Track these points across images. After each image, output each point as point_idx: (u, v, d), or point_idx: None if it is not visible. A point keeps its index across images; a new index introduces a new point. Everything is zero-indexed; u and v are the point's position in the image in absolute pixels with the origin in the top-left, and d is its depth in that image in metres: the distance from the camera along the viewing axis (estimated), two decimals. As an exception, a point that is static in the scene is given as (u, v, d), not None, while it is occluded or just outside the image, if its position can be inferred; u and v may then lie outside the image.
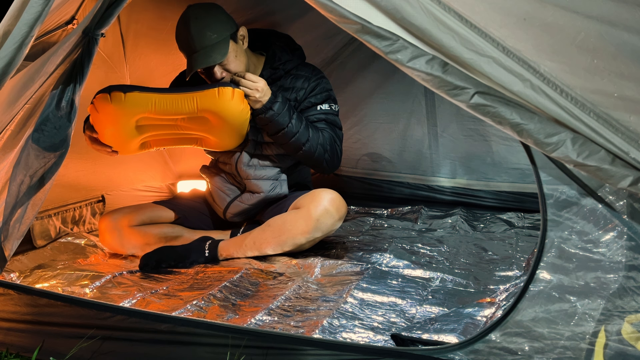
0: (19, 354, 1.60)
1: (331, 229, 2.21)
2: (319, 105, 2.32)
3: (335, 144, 2.30)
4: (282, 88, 2.32)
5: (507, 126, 1.25)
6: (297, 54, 2.38)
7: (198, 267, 2.18)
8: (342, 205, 2.21)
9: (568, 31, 1.26)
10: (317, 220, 2.16)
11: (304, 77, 2.33)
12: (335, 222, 2.19)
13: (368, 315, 1.70)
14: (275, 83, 2.32)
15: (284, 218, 2.24)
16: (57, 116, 1.64)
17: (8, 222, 1.67)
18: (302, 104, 2.32)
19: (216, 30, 2.14)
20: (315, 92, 2.32)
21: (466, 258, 2.24)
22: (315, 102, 2.32)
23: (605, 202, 1.27)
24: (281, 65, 2.32)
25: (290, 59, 2.34)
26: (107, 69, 2.72)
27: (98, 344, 1.53)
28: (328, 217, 2.17)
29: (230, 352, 1.43)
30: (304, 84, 2.32)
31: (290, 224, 2.20)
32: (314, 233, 2.18)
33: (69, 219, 2.54)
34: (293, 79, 2.33)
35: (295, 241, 2.19)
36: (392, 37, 1.29)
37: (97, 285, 1.95)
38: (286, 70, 2.33)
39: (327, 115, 2.32)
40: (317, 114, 2.31)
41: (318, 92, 2.33)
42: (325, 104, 2.33)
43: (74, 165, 2.49)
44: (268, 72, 2.31)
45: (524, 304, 1.30)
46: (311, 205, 2.18)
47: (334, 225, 2.20)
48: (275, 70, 2.32)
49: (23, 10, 1.45)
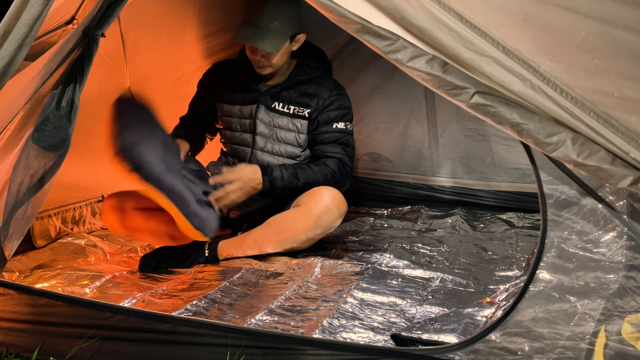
0: (19, 354, 1.60)
1: (331, 226, 2.21)
2: (335, 123, 2.36)
3: (345, 166, 2.34)
4: (304, 94, 2.36)
5: (507, 126, 1.25)
6: (325, 66, 2.44)
7: (198, 267, 2.17)
8: (342, 203, 2.21)
9: (568, 31, 1.26)
10: (318, 217, 2.16)
11: (326, 88, 2.37)
12: (335, 219, 2.20)
13: (368, 315, 1.70)
14: (299, 87, 2.37)
15: (285, 216, 2.24)
16: (57, 116, 1.64)
17: (8, 222, 1.67)
18: (319, 115, 2.34)
19: (285, 26, 2.23)
20: (333, 106, 2.36)
21: (466, 258, 2.24)
22: (332, 117, 2.35)
23: (606, 202, 1.27)
24: (308, 70, 2.36)
25: (317, 67, 2.39)
26: (107, 69, 2.72)
27: (98, 344, 1.53)
28: (329, 214, 2.17)
29: (230, 352, 1.43)
30: (324, 93, 2.35)
31: (291, 221, 2.20)
32: (314, 230, 2.18)
33: (69, 219, 2.54)
34: (316, 87, 2.37)
35: (296, 238, 2.19)
36: (392, 36, 1.29)
37: (97, 285, 1.95)
38: (312, 76, 2.37)
39: (341, 135, 2.36)
40: (332, 132, 2.35)
41: (336, 107, 2.36)
42: (341, 122, 2.37)
43: (74, 165, 2.49)
44: (296, 74, 2.36)
45: (524, 304, 1.30)
46: (312, 202, 2.18)
47: (334, 222, 2.20)
48: (302, 73, 2.36)
49: (23, 10, 1.45)
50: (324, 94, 2.36)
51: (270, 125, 2.37)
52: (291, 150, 2.38)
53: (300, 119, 2.37)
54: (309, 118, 2.36)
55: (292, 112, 2.37)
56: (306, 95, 2.36)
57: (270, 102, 2.38)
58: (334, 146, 2.35)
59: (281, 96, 2.37)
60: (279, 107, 2.37)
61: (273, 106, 2.38)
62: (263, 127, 2.38)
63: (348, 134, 2.38)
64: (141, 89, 2.93)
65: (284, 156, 2.38)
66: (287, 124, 2.38)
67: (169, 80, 2.97)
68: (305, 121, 2.36)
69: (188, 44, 2.88)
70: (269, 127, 2.38)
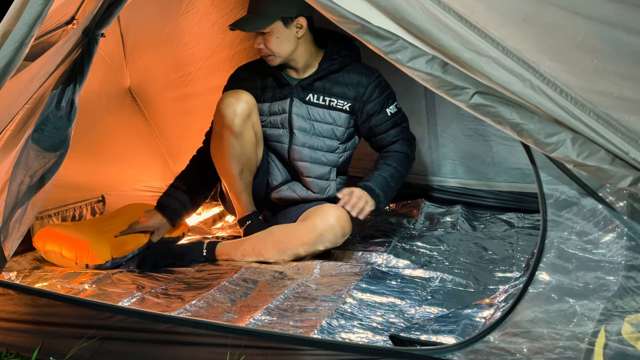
0: (19, 354, 1.60)
1: (333, 245, 2.20)
2: (386, 109, 2.35)
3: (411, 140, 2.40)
4: (339, 83, 2.32)
5: (507, 126, 1.25)
6: (354, 52, 2.38)
7: (197, 266, 2.18)
8: (347, 224, 2.19)
9: (568, 31, 1.26)
10: (320, 235, 2.15)
11: (363, 76, 2.33)
12: (337, 239, 2.18)
13: (367, 316, 1.70)
14: (332, 76, 2.32)
15: (288, 228, 2.24)
16: (57, 116, 1.64)
17: (8, 222, 1.67)
18: (364, 107, 2.32)
19: (272, 6, 2.19)
20: (377, 93, 2.33)
21: (466, 258, 2.24)
22: (381, 105, 2.34)
23: (606, 202, 1.27)
24: (339, 59, 2.31)
25: (348, 55, 2.33)
26: (107, 69, 2.72)
27: (98, 344, 1.53)
28: (331, 234, 2.16)
29: (230, 352, 1.43)
30: (361, 80, 2.32)
31: (293, 234, 2.20)
32: (314, 246, 2.17)
33: (69, 219, 2.54)
34: (351, 76, 2.33)
35: (295, 252, 2.18)
36: (392, 37, 1.29)
37: (95, 281, 1.96)
38: (343, 64, 2.32)
39: (395, 118, 2.37)
40: (388, 120, 2.35)
41: (380, 93, 2.34)
42: (391, 105, 2.36)
43: (74, 165, 2.49)
44: (326, 64, 2.31)
45: (524, 304, 1.30)
46: (317, 218, 2.18)
47: (336, 242, 2.19)
48: (333, 62, 2.31)
49: (23, 10, 1.45)
50: (362, 84, 2.31)
51: (307, 118, 2.32)
52: (330, 144, 2.35)
53: (338, 112, 2.33)
54: (350, 112, 2.33)
55: (328, 104, 2.33)
56: (342, 85, 2.32)
57: (304, 95, 2.32)
58: (394, 130, 2.37)
59: (314, 87, 2.32)
60: (313, 98, 2.32)
61: (308, 98, 2.32)
62: (301, 121, 2.32)
63: (400, 112, 2.39)
64: (141, 89, 2.94)
65: (324, 150, 2.35)
66: (323, 116, 2.33)
67: (169, 80, 2.98)
68: (345, 114, 2.33)
69: (188, 44, 2.88)
70: (306, 120, 2.32)
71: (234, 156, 2.28)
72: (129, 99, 2.94)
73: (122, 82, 2.86)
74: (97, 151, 2.67)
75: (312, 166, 2.35)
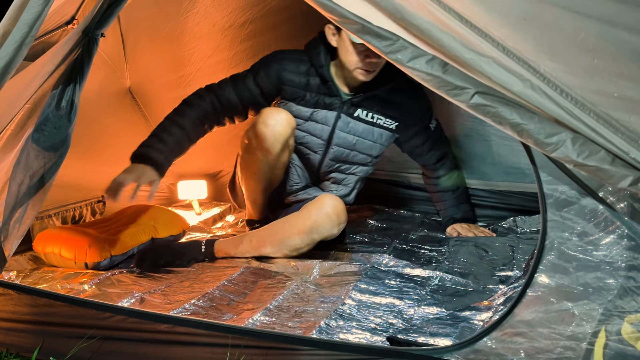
0: (19, 354, 1.60)
1: (329, 234, 2.19)
2: (429, 124, 2.41)
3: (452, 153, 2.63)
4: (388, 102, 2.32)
5: (507, 126, 1.25)
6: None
7: (196, 266, 2.18)
8: (342, 213, 2.19)
9: (568, 31, 1.26)
10: (315, 222, 2.15)
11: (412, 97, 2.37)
12: (333, 227, 2.18)
13: (366, 317, 1.69)
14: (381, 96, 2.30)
15: (285, 219, 2.23)
16: (57, 116, 1.64)
17: (8, 222, 1.67)
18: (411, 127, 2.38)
19: None
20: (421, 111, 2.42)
21: (466, 258, 2.23)
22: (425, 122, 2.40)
23: (606, 202, 1.27)
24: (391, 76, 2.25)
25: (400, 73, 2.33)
26: (107, 69, 2.72)
27: (98, 344, 1.53)
28: (327, 221, 2.16)
29: (230, 352, 1.43)
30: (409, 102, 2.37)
31: (289, 223, 2.20)
32: (310, 234, 2.16)
33: (69, 219, 2.54)
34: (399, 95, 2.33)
35: (292, 242, 2.17)
36: (392, 37, 1.29)
37: (95, 282, 1.96)
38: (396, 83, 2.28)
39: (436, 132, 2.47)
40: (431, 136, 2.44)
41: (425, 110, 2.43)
42: (432, 120, 2.44)
43: (74, 165, 2.50)
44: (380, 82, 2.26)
45: (524, 303, 1.30)
46: (312, 207, 2.18)
47: (331, 230, 2.18)
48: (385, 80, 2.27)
49: (23, 11, 1.45)
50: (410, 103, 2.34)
51: (349, 133, 2.30)
52: (364, 158, 2.36)
53: (382, 129, 2.33)
54: (395, 131, 2.33)
55: (375, 122, 2.31)
56: (391, 104, 2.31)
57: (352, 110, 2.29)
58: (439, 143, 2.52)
59: (363, 104, 2.29)
60: (362, 115, 2.30)
61: (356, 115, 2.29)
62: (342, 136, 2.31)
63: (439, 125, 2.48)
64: (141, 89, 2.94)
65: (358, 164, 2.36)
66: (366, 133, 2.32)
67: (169, 80, 2.98)
68: (389, 133, 2.34)
69: (188, 44, 2.88)
70: (348, 136, 2.30)
71: (262, 174, 2.28)
72: (129, 99, 2.94)
73: (122, 82, 2.86)
74: (97, 151, 2.67)
75: (340, 175, 2.35)
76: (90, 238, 2.18)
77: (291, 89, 2.29)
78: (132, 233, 2.30)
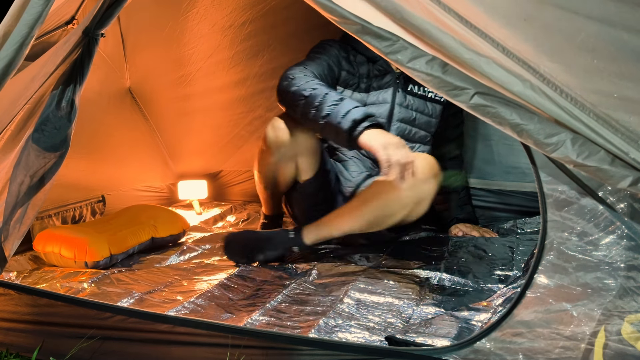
0: (19, 354, 1.60)
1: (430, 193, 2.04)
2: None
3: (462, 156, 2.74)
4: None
5: (507, 126, 1.25)
6: None
7: (196, 265, 2.18)
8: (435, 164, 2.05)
9: (568, 31, 1.26)
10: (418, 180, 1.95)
11: None
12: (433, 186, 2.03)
13: (364, 316, 1.69)
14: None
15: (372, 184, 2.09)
16: (57, 116, 1.64)
17: (8, 222, 1.67)
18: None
19: None
20: None
21: (465, 258, 2.24)
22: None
23: (606, 202, 1.27)
24: None
25: None
26: (107, 69, 2.72)
27: (98, 344, 1.53)
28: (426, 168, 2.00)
29: (230, 352, 1.43)
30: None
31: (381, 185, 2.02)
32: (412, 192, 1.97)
33: (69, 219, 2.54)
34: None
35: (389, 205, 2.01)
36: (392, 37, 1.29)
37: (95, 280, 1.97)
38: None
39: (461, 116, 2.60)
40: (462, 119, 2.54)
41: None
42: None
43: (74, 165, 2.50)
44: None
45: (524, 304, 1.30)
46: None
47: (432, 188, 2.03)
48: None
49: (23, 11, 1.45)
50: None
51: (408, 108, 2.28)
52: (423, 136, 2.33)
53: (434, 103, 2.31)
54: (445, 103, 2.31)
55: (427, 95, 2.29)
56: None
57: (406, 85, 2.27)
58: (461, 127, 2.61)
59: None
60: (414, 89, 2.27)
61: (409, 89, 2.27)
62: (403, 112, 2.27)
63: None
64: (141, 89, 2.95)
65: (418, 142, 2.33)
66: (422, 108, 2.30)
67: (169, 80, 2.98)
68: (440, 106, 2.32)
69: (188, 44, 2.88)
70: (407, 111, 2.27)
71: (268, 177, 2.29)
72: (129, 99, 2.94)
73: (122, 82, 2.86)
74: (97, 151, 2.67)
75: None
76: (90, 237, 2.18)
77: (346, 74, 2.26)
78: (132, 232, 2.31)
